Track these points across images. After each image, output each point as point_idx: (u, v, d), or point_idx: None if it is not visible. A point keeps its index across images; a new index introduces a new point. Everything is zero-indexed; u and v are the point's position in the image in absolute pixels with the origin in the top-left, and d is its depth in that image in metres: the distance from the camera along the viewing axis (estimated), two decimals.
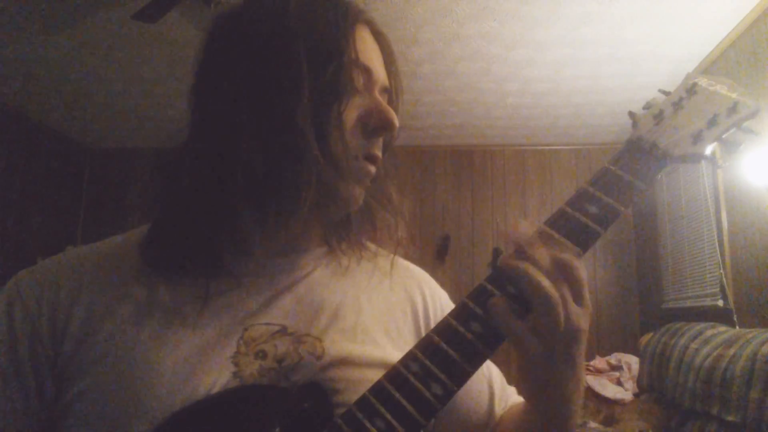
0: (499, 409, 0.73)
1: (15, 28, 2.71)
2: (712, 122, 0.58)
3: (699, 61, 2.95)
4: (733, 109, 0.58)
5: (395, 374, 0.49)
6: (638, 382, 2.87)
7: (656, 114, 0.60)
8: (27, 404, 0.56)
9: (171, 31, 2.73)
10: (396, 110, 0.64)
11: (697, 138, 0.58)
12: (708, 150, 0.58)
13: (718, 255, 2.82)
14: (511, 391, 0.76)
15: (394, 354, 0.62)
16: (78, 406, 0.54)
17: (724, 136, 0.58)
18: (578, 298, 0.50)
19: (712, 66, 2.90)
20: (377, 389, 0.49)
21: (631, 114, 0.62)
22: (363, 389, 0.51)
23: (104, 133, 4.23)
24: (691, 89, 0.62)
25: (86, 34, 2.77)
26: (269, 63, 0.56)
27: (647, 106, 0.62)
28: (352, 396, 0.54)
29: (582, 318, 0.49)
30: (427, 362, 0.49)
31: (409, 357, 0.50)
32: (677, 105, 0.61)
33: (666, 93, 0.63)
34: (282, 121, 0.56)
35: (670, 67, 3.05)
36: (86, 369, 0.55)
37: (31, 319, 0.57)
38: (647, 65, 3.02)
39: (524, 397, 0.59)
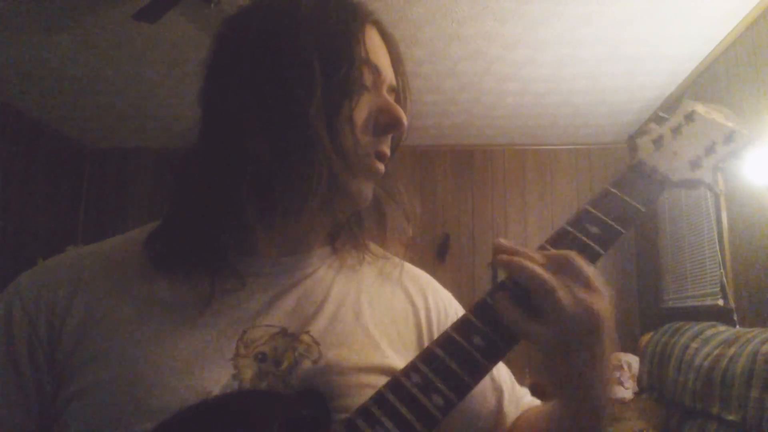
0: (511, 409, 0.72)
1: (15, 28, 2.71)
2: (710, 150, 0.61)
3: (699, 60, 2.95)
4: (729, 138, 0.61)
5: (397, 384, 0.50)
6: (638, 381, 2.87)
7: (656, 139, 0.62)
8: (26, 403, 0.56)
9: (171, 31, 2.73)
10: (404, 109, 0.64)
11: (695, 164, 0.60)
12: (707, 177, 0.60)
13: (718, 254, 2.82)
14: (523, 392, 0.75)
15: (394, 358, 0.62)
16: (76, 404, 0.54)
17: (721, 164, 0.61)
18: (585, 285, 0.50)
19: (711, 65, 2.90)
20: (378, 398, 0.49)
21: (631, 139, 0.65)
22: (361, 394, 0.51)
23: (104, 133, 4.23)
24: (689, 116, 0.64)
25: (86, 34, 2.77)
26: (282, 62, 0.57)
27: (640, 132, 0.64)
28: (350, 401, 0.54)
29: (594, 302, 0.49)
30: (429, 374, 0.50)
31: (411, 368, 0.51)
32: (676, 131, 0.63)
33: (665, 118, 0.65)
34: (295, 119, 0.56)
35: (670, 67, 3.05)
36: (85, 367, 0.55)
37: (29, 319, 0.57)
38: (647, 65, 3.02)
39: (550, 393, 0.58)
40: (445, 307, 0.74)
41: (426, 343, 0.68)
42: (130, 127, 4.09)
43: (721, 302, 2.81)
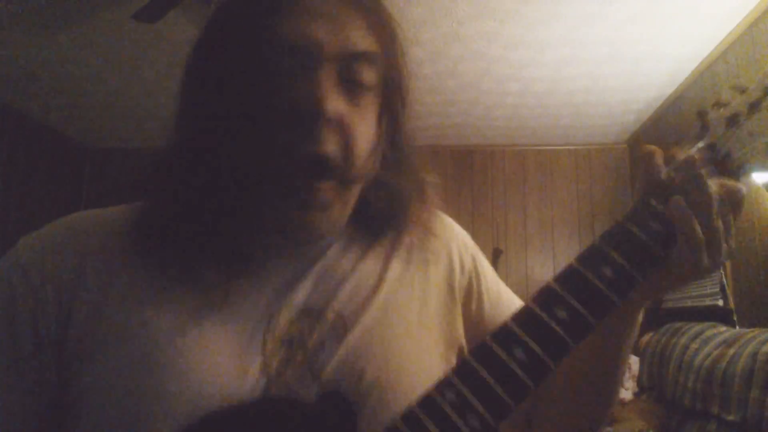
0: None
1: (15, 28, 2.71)
2: None
3: (699, 60, 2.95)
4: None
5: (429, 401, 0.45)
6: (638, 381, 2.86)
7: (729, 117, 0.53)
8: (32, 384, 0.52)
9: (171, 31, 2.73)
10: (373, 80, 0.63)
11: None
12: None
13: None
14: None
15: (421, 328, 0.62)
16: (92, 394, 0.51)
17: None
18: (717, 249, 0.51)
19: (711, 66, 2.90)
20: (409, 417, 0.45)
21: (701, 113, 0.54)
22: (386, 380, 0.51)
23: (104, 132, 4.22)
24: None
25: (86, 34, 2.77)
26: (212, 59, 0.58)
27: (718, 104, 0.54)
28: (376, 392, 0.54)
29: (715, 260, 0.52)
30: (465, 391, 0.45)
31: (446, 383, 0.46)
32: (753, 107, 0.52)
33: (741, 89, 0.54)
34: (232, 115, 0.57)
35: (670, 67, 3.04)
36: (100, 352, 0.51)
37: (34, 295, 0.53)
38: (647, 65, 3.02)
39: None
40: (475, 261, 0.73)
41: (457, 298, 0.67)
42: (130, 127, 4.08)
43: (720, 303, 2.80)
